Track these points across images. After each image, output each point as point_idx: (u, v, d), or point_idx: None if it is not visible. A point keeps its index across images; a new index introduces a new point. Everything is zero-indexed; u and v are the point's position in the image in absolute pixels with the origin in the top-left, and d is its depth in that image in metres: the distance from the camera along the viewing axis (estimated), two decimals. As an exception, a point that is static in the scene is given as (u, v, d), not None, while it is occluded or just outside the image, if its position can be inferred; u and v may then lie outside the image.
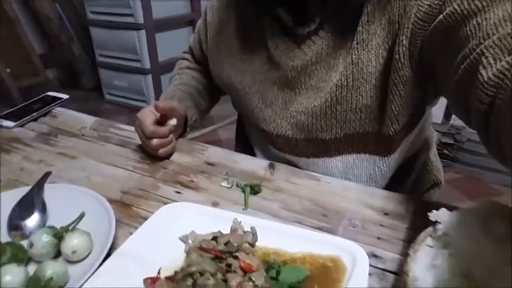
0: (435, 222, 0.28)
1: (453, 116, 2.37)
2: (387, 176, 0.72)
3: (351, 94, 0.61)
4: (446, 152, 2.10)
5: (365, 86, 0.60)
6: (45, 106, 0.94)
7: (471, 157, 2.11)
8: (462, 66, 0.43)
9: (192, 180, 0.66)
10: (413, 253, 0.26)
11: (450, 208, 0.32)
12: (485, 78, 0.38)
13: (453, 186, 1.84)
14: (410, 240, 0.27)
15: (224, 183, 0.65)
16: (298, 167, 0.71)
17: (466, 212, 0.28)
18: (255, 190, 0.62)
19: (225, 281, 0.39)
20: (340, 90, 0.61)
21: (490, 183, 1.92)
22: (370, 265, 0.45)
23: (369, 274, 0.44)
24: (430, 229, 0.28)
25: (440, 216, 0.28)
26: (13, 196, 0.56)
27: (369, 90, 0.60)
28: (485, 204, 0.28)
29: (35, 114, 0.90)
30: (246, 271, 0.40)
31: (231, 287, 0.37)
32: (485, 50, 0.40)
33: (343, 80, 0.61)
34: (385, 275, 0.47)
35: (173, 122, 0.70)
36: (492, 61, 0.39)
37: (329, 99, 0.63)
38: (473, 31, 0.43)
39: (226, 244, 0.43)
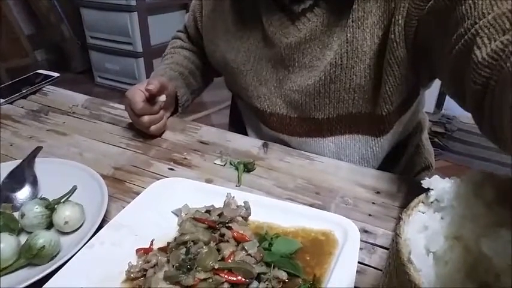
0: (428, 190, 0.28)
1: (445, 106, 2.40)
2: (379, 157, 0.73)
3: (345, 73, 0.61)
4: (436, 140, 2.13)
5: (359, 66, 0.60)
6: (35, 84, 0.92)
7: (461, 146, 2.14)
8: (457, 47, 0.43)
9: (186, 158, 0.66)
10: (406, 217, 0.26)
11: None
12: (479, 59, 0.38)
13: (443, 174, 1.86)
14: (400, 217, 0.27)
15: (218, 161, 0.65)
16: (291, 147, 0.71)
17: (458, 179, 0.28)
18: (248, 168, 0.62)
19: (218, 250, 0.39)
20: (334, 69, 0.61)
21: (478, 171, 1.95)
22: (361, 240, 0.46)
23: (360, 248, 0.45)
24: (422, 196, 0.28)
25: (433, 183, 0.28)
26: (3, 169, 0.55)
27: (363, 70, 0.60)
28: (477, 172, 0.28)
29: (24, 91, 0.89)
30: (239, 241, 0.40)
31: (224, 256, 0.38)
32: (480, 30, 0.39)
33: (337, 58, 0.61)
34: (376, 250, 0.48)
35: (162, 98, 0.69)
36: (487, 41, 0.38)
37: (323, 78, 0.63)
38: (468, 10, 0.43)
39: (219, 216, 0.43)
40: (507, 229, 0.22)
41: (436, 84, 0.65)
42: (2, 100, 0.85)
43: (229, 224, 0.42)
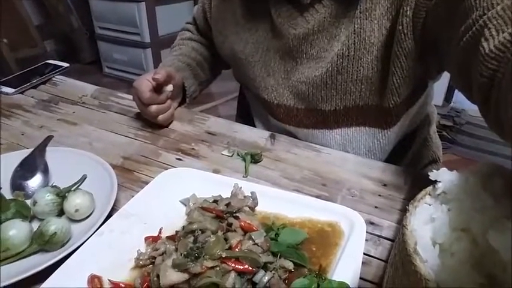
0: (435, 182, 0.28)
1: (453, 99, 2.37)
2: (386, 149, 0.73)
3: (352, 65, 0.61)
4: (445, 133, 2.11)
5: (366, 57, 0.60)
6: (45, 74, 0.93)
7: (469, 140, 2.12)
8: (464, 38, 0.42)
9: (193, 148, 0.67)
10: (412, 209, 0.26)
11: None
12: (487, 51, 0.37)
13: (450, 168, 1.85)
14: (407, 209, 0.27)
15: (225, 152, 0.65)
16: (298, 139, 0.72)
17: (466, 171, 0.28)
18: (255, 159, 0.62)
19: (226, 239, 0.40)
20: (341, 60, 0.61)
21: (486, 166, 1.94)
22: (366, 232, 0.46)
23: (366, 240, 0.45)
24: (429, 188, 0.28)
25: (441, 175, 0.28)
26: (15, 157, 0.56)
27: (370, 62, 0.60)
28: (486, 165, 0.28)
29: (35, 81, 0.90)
30: (246, 231, 0.41)
31: (231, 245, 0.38)
32: (488, 22, 0.38)
33: (344, 49, 0.60)
34: (381, 241, 0.48)
35: (169, 88, 0.70)
36: (494, 33, 0.37)
37: (330, 69, 0.62)
38: (477, 1, 0.42)
39: (227, 206, 0.44)
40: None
41: (445, 77, 0.64)
42: (13, 90, 0.86)
43: (237, 214, 0.43)
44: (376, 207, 0.54)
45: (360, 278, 0.40)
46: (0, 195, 0.45)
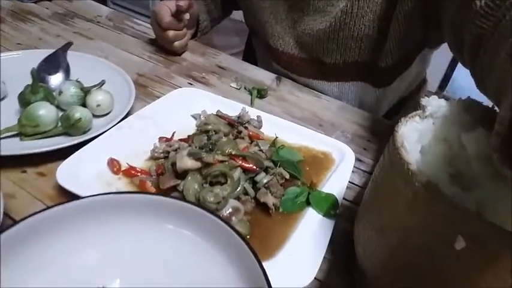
0: (425, 107, 0.34)
1: (447, 88, 2.43)
2: (379, 107, 0.78)
3: (354, 22, 0.65)
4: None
5: (369, 15, 0.64)
6: (60, -12, 0.93)
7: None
8: None
9: (204, 77, 0.70)
10: (404, 121, 0.32)
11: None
12: (477, 7, 0.38)
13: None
14: (399, 121, 0.32)
15: (233, 84, 0.69)
16: None
17: (451, 100, 0.33)
18: (261, 94, 0.67)
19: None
20: (344, 16, 0.65)
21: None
22: (354, 166, 0.52)
23: (352, 172, 0.51)
24: (419, 111, 0.34)
25: (430, 101, 0.33)
26: (40, 54, 0.59)
27: (372, 21, 0.64)
28: (468, 98, 0.33)
29: (50, -7, 0.90)
30: (253, 140, 0.46)
31: (240, 148, 0.43)
32: None
33: (348, 6, 0.64)
34: (365, 175, 0.54)
35: (187, 16, 0.72)
36: None
37: (333, 24, 0.66)
38: None
39: (238, 118, 0.49)
40: (485, 129, 0.27)
41: (443, 65, 0.68)
42: (28, -2, 0.87)
43: (246, 125, 0.47)
44: (364, 149, 0.59)
45: (343, 199, 0.47)
46: (34, 77, 0.48)
